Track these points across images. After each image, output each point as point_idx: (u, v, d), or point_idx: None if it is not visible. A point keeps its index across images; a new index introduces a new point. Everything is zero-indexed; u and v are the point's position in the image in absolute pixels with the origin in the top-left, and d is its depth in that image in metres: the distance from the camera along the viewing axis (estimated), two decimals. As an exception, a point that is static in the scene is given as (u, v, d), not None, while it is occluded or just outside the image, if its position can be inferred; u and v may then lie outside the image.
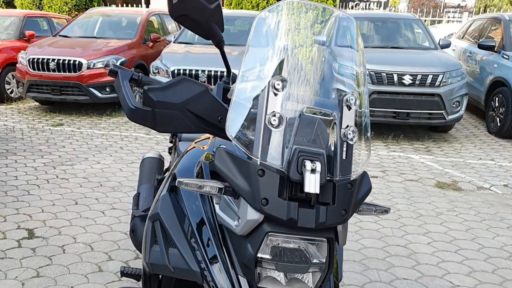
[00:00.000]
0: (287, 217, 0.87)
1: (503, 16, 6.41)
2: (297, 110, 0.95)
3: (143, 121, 0.96)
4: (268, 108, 0.91)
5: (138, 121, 0.96)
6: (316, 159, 0.89)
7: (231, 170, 0.91)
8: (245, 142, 0.95)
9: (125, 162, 4.34)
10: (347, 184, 0.93)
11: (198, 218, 1.07)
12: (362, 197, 0.99)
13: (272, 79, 0.92)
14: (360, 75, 1.06)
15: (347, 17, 1.15)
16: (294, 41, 1.03)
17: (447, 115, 5.17)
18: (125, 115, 6.28)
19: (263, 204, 0.87)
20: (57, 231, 2.89)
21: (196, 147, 1.40)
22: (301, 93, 0.97)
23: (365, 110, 1.02)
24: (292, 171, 0.88)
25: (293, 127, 0.93)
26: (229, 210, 0.97)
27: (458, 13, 19.33)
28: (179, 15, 0.98)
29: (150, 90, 0.93)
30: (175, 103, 0.94)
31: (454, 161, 4.73)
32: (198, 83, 0.98)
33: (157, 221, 1.14)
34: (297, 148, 0.90)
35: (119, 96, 1.01)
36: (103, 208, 3.26)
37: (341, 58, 1.10)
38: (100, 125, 5.73)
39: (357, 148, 0.98)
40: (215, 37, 1.07)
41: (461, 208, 3.50)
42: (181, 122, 0.96)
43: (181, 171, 1.23)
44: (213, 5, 1.00)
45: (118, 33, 7.09)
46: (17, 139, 4.97)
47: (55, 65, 5.94)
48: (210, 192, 0.92)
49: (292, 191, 0.90)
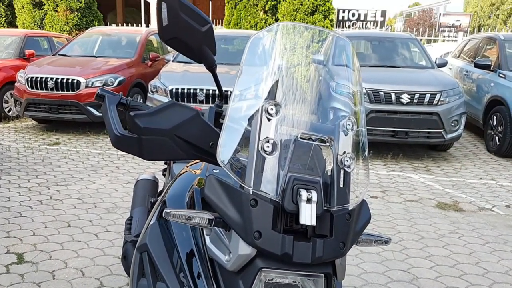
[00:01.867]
0: (281, 252, 0.81)
1: (498, 35, 6.46)
2: (291, 134, 0.90)
3: (128, 149, 0.91)
4: (261, 134, 0.86)
5: (124, 149, 0.92)
6: (312, 187, 0.83)
7: (221, 200, 0.86)
8: (237, 169, 0.90)
9: (121, 182, 4.28)
10: (345, 215, 0.88)
11: (188, 251, 1.01)
12: (361, 227, 0.93)
13: (265, 103, 0.88)
14: (356, 94, 1.02)
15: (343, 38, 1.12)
16: (289, 61, 0.99)
17: (446, 134, 5.13)
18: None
19: (256, 237, 0.82)
20: (47, 256, 2.80)
21: (188, 171, 1.34)
22: (297, 116, 0.93)
23: (362, 129, 0.97)
24: (287, 201, 0.83)
25: (287, 153, 0.88)
26: (220, 243, 0.91)
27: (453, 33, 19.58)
28: (170, 38, 0.95)
29: (136, 116, 0.89)
30: (164, 129, 0.90)
31: (454, 180, 4.67)
32: (188, 108, 0.93)
33: (145, 252, 1.08)
34: (292, 176, 0.85)
35: (105, 121, 0.96)
36: (96, 231, 3.18)
37: (338, 77, 1.07)
38: (97, 144, 5.68)
39: (355, 174, 0.93)
40: (206, 60, 1.03)
41: (463, 230, 3.42)
42: (170, 149, 0.91)
43: (172, 198, 1.18)
44: (205, 28, 0.97)
45: (118, 52, 7.12)
46: (12, 158, 4.91)
47: (54, 83, 5.94)
48: (200, 224, 0.87)
49: (287, 222, 0.85)
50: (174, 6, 0.91)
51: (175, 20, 0.92)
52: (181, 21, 0.93)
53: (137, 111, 0.91)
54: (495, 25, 38.88)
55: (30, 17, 11.02)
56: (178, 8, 0.92)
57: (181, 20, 0.92)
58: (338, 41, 1.11)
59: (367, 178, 0.97)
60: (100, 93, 1.04)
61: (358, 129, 0.94)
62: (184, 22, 0.93)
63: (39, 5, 11.03)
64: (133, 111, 1.10)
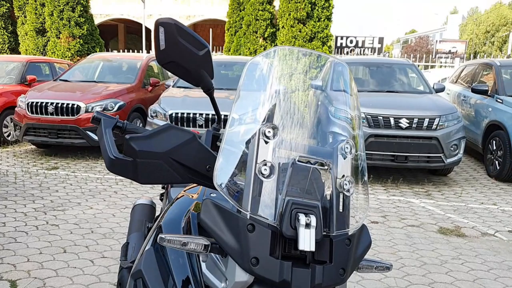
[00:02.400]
0: (279, 279, 0.79)
1: (494, 62, 6.55)
2: (289, 158, 0.89)
3: (123, 173, 0.89)
4: (259, 157, 0.85)
5: (118, 172, 0.90)
6: (311, 212, 0.81)
7: (217, 225, 0.84)
8: (234, 193, 0.88)
9: (119, 207, 4.23)
10: (345, 240, 0.86)
11: (184, 277, 0.97)
12: (361, 253, 0.91)
13: (262, 126, 0.87)
14: (354, 118, 1.02)
15: (340, 63, 1.13)
16: (287, 86, 0.99)
17: (446, 158, 5.12)
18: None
19: (253, 264, 0.79)
20: (41, 283, 2.74)
21: (185, 196, 1.32)
22: (294, 139, 0.92)
23: (361, 153, 0.96)
24: (285, 226, 0.81)
25: (285, 177, 0.87)
26: (216, 270, 0.88)
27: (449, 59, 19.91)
28: (168, 62, 0.95)
29: (132, 139, 0.88)
30: (159, 152, 0.88)
31: (455, 205, 4.62)
32: (184, 131, 0.92)
33: (140, 279, 1.04)
34: (290, 200, 0.83)
35: (100, 144, 0.95)
36: (92, 257, 3.12)
37: (337, 102, 1.07)
38: (96, 169, 5.65)
39: (355, 199, 0.91)
40: (204, 84, 1.03)
41: (466, 256, 3.36)
42: (166, 173, 0.90)
43: (168, 223, 1.15)
44: (202, 52, 0.97)
45: (118, 77, 7.19)
46: (9, 183, 4.88)
47: (54, 108, 5.97)
48: (195, 250, 0.84)
49: (285, 248, 0.82)
50: (171, 30, 0.92)
51: (173, 44, 0.93)
52: (179, 45, 0.93)
53: (132, 134, 0.90)
54: (491, 52, 39.57)
55: (33, 43, 11.21)
56: (176, 32, 0.92)
57: (178, 44, 0.93)
58: (336, 66, 1.11)
59: (367, 203, 0.95)
60: (96, 116, 1.03)
61: (357, 153, 0.93)
62: (182, 46, 0.93)
63: (42, 32, 11.24)
64: (129, 134, 1.09)
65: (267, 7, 10.06)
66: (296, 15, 9.30)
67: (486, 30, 45.39)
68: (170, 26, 0.92)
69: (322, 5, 9.29)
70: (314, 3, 9.29)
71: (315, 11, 9.32)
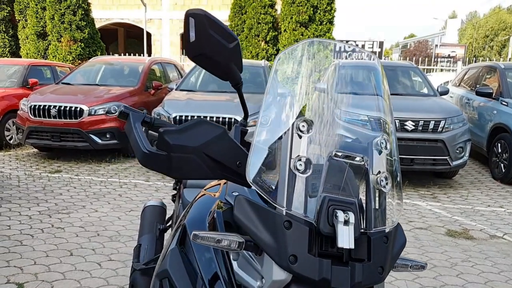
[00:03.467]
0: (319, 277, 0.76)
1: (498, 64, 6.55)
2: (324, 153, 0.86)
3: (157, 167, 0.87)
4: (293, 152, 0.82)
5: (152, 167, 0.87)
6: (349, 209, 0.79)
7: (252, 222, 0.81)
8: (267, 189, 0.86)
9: (124, 210, 4.20)
10: (383, 238, 0.83)
11: (213, 276, 0.95)
12: (397, 251, 0.88)
13: (296, 120, 0.85)
14: (387, 120, 0.98)
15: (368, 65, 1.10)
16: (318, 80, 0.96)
17: (452, 161, 5.10)
18: (124, 162, 6.19)
19: (291, 261, 0.76)
20: (49, 286, 2.70)
21: (206, 195, 1.30)
22: (327, 134, 0.90)
23: (395, 149, 0.93)
24: (323, 223, 0.78)
25: (319, 173, 0.84)
26: (250, 268, 0.86)
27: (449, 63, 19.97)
28: (197, 54, 0.92)
29: (165, 133, 0.85)
30: (192, 146, 0.86)
31: (462, 208, 4.60)
32: (216, 125, 0.90)
33: (166, 278, 1.01)
34: (327, 196, 0.80)
35: (130, 139, 0.92)
36: (99, 260, 3.08)
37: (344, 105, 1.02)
38: (99, 172, 5.62)
39: (390, 196, 0.89)
40: (233, 78, 1.00)
41: (476, 259, 3.33)
42: (198, 167, 0.87)
43: (192, 222, 1.13)
44: (232, 45, 0.95)
45: (120, 80, 7.18)
46: (13, 186, 4.84)
47: (56, 111, 5.94)
48: (230, 247, 0.82)
49: (322, 245, 0.80)
50: (202, 22, 0.89)
51: (203, 36, 0.90)
52: (209, 37, 0.91)
53: (166, 128, 0.87)
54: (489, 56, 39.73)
55: (34, 47, 11.19)
56: (206, 23, 0.90)
57: (209, 36, 0.90)
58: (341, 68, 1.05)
59: (401, 200, 0.93)
60: (124, 111, 1.01)
61: (391, 149, 0.91)
62: (212, 38, 0.91)
63: (43, 35, 11.23)
64: (157, 128, 1.07)
65: (269, 10, 10.07)
66: (298, 18, 9.31)
67: (485, 34, 45.58)
68: (200, 17, 0.89)
69: (324, 9, 9.30)
70: (316, 6, 9.30)
71: (317, 15, 9.34)
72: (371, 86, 1.05)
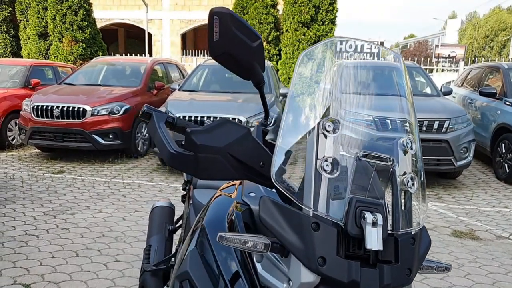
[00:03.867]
0: (348, 280, 0.75)
1: (502, 65, 6.54)
2: (350, 154, 0.85)
3: (184, 167, 0.86)
4: (319, 152, 0.81)
5: (179, 167, 0.86)
6: (376, 210, 0.78)
7: (279, 223, 0.80)
8: (293, 190, 0.85)
9: (128, 210, 4.18)
10: (410, 239, 0.82)
11: (235, 277, 0.94)
12: (423, 253, 0.87)
13: (322, 120, 0.83)
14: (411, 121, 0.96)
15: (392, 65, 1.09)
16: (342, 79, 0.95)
17: (456, 161, 5.09)
18: (127, 162, 6.18)
19: (320, 264, 0.75)
20: (56, 287, 2.69)
21: (222, 195, 1.29)
22: (353, 136, 0.88)
23: (419, 150, 0.92)
24: (350, 224, 0.77)
25: (345, 174, 0.83)
26: (275, 270, 0.84)
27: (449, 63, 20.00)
28: (221, 53, 0.91)
29: (193, 133, 0.84)
30: (218, 147, 0.85)
31: (467, 208, 4.59)
32: (240, 125, 0.89)
33: (186, 280, 1.00)
34: (354, 198, 0.79)
35: (154, 140, 0.91)
36: (105, 261, 3.07)
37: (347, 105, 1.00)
38: (102, 173, 5.61)
39: (415, 197, 0.87)
40: (255, 77, 0.99)
41: (483, 259, 3.32)
42: (223, 168, 0.86)
43: (211, 223, 1.11)
44: (256, 43, 0.93)
45: (123, 81, 7.17)
46: (16, 187, 4.83)
47: (59, 112, 5.93)
48: (256, 248, 0.81)
49: (349, 247, 0.79)
50: (226, 21, 0.88)
51: (227, 35, 0.89)
52: (233, 36, 0.90)
53: (193, 128, 0.86)
54: (489, 56, 39.76)
55: (35, 47, 11.18)
56: (231, 22, 0.89)
57: (233, 35, 0.89)
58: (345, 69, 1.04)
59: (425, 201, 0.92)
60: (147, 111, 0.99)
61: (416, 148, 0.90)
62: (236, 37, 0.90)
63: (45, 36, 11.21)
64: (179, 128, 1.06)
65: (271, 10, 10.06)
66: (300, 18, 9.31)
67: (485, 34, 45.61)
68: (225, 16, 0.88)
69: (326, 9, 9.30)
70: (318, 6, 9.29)
71: (319, 15, 9.33)
72: (393, 86, 1.04)
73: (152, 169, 5.88)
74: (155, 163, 6.22)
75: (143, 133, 6.68)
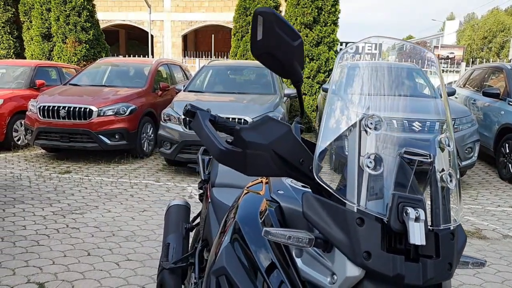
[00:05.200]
0: (393, 273, 0.77)
1: (505, 65, 6.58)
2: (393, 150, 0.88)
3: (234, 164, 0.88)
4: (362, 149, 0.84)
5: (228, 163, 0.89)
6: (418, 206, 0.81)
7: (323, 219, 0.82)
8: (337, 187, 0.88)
9: (137, 210, 4.21)
10: (449, 234, 0.85)
11: (274, 272, 0.96)
12: (461, 248, 0.90)
13: (365, 117, 0.86)
14: (447, 119, 0.99)
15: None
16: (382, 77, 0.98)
17: (460, 161, 5.12)
18: (133, 162, 6.20)
19: (365, 258, 0.78)
20: (70, 285, 2.71)
21: (250, 193, 1.32)
22: (394, 133, 0.91)
23: (455, 151, 0.95)
24: (393, 219, 0.80)
25: (390, 170, 0.86)
26: (317, 265, 0.87)
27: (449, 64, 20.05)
28: (263, 53, 0.94)
29: (241, 130, 0.87)
30: (264, 144, 0.88)
31: (472, 208, 4.62)
32: (282, 123, 0.92)
33: (223, 275, 1.03)
34: (396, 194, 0.82)
35: (201, 137, 0.94)
36: (117, 260, 3.10)
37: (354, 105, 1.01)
38: (109, 173, 5.63)
39: (453, 194, 0.90)
40: (295, 76, 1.01)
41: (491, 258, 3.35)
42: (268, 165, 0.89)
43: (244, 219, 1.14)
44: (297, 43, 0.96)
45: (128, 82, 7.19)
46: (24, 187, 4.85)
47: (66, 112, 5.95)
48: (299, 243, 0.83)
49: (391, 242, 0.82)
50: (270, 20, 0.91)
51: (270, 34, 0.92)
52: (275, 35, 0.92)
53: (241, 125, 0.89)
54: (488, 57, 39.83)
55: (39, 48, 11.18)
56: (274, 22, 0.91)
57: (275, 34, 0.92)
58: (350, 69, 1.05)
59: (461, 199, 0.95)
60: (191, 109, 1.02)
61: (453, 146, 0.92)
62: (278, 36, 0.92)
63: (48, 37, 11.22)
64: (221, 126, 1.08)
65: (274, 12, 10.12)
66: (302, 20, 9.33)
67: (484, 36, 45.70)
68: (269, 15, 0.91)
69: (329, 10, 9.33)
70: (320, 8, 9.32)
71: (321, 16, 9.36)
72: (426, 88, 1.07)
73: (158, 169, 5.90)
74: (160, 163, 6.24)
75: (148, 133, 6.70)
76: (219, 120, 1.08)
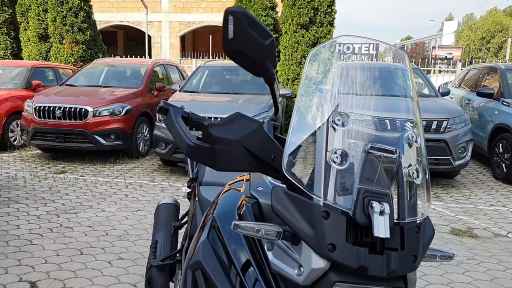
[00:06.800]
0: (357, 265, 0.80)
1: (499, 65, 6.62)
2: (359, 146, 0.90)
3: (202, 158, 0.91)
4: (329, 145, 0.86)
5: (197, 158, 0.91)
6: (383, 200, 0.83)
7: (291, 212, 0.85)
8: (303, 181, 0.90)
9: (131, 210, 4.22)
10: (415, 228, 0.87)
11: (247, 265, 0.98)
12: (427, 242, 0.92)
13: (332, 114, 0.89)
14: (416, 119, 1.00)
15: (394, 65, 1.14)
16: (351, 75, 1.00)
17: (454, 160, 5.15)
18: (128, 163, 6.22)
19: (330, 250, 0.80)
20: (61, 284, 2.73)
21: (231, 190, 1.34)
22: (361, 129, 0.93)
23: (423, 143, 0.97)
24: (359, 213, 0.82)
25: (352, 166, 0.88)
26: (286, 257, 0.89)
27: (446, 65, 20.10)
28: (235, 51, 0.96)
29: (210, 126, 0.89)
30: (233, 139, 0.90)
31: (465, 207, 4.64)
32: (252, 119, 0.94)
33: (199, 269, 1.05)
34: (361, 188, 0.84)
35: (172, 133, 0.96)
36: (109, 258, 3.11)
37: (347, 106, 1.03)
38: (104, 173, 5.64)
39: (420, 188, 0.93)
40: (267, 74, 1.04)
41: (481, 256, 3.37)
42: (238, 160, 0.91)
43: (221, 215, 1.16)
44: (268, 42, 0.98)
45: (124, 82, 7.21)
46: (19, 187, 4.86)
47: (61, 112, 5.97)
48: (268, 236, 0.85)
49: (357, 235, 0.84)
50: (241, 19, 0.93)
51: (241, 34, 0.94)
52: (247, 34, 0.94)
53: (210, 121, 0.91)
54: (486, 58, 39.93)
55: (36, 49, 11.20)
56: (245, 21, 0.93)
57: (246, 33, 0.94)
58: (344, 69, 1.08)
59: (429, 193, 0.97)
60: (164, 106, 1.04)
61: (421, 143, 0.95)
62: (249, 35, 0.95)
63: (45, 38, 11.23)
64: (194, 123, 1.11)
65: (270, 12, 10.13)
66: (299, 20, 9.36)
67: (482, 36, 45.79)
68: (239, 15, 0.93)
69: (325, 11, 9.35)
70: (317, 8, 9.35)
71: (317, 17, 9.38)
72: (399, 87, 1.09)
73: (154, 169, 5.92)
74: (156, 163, 6.26)
75: (144, 133, 6.72)
76: (193, 117, 1.10)
